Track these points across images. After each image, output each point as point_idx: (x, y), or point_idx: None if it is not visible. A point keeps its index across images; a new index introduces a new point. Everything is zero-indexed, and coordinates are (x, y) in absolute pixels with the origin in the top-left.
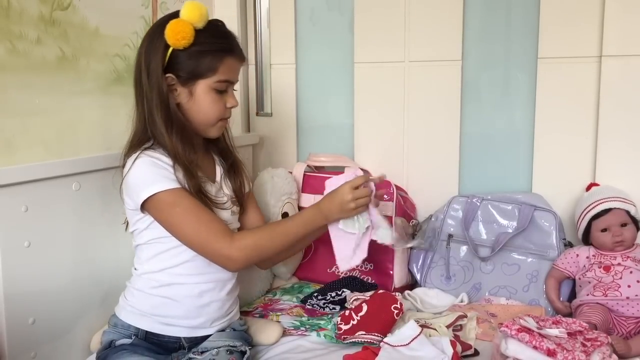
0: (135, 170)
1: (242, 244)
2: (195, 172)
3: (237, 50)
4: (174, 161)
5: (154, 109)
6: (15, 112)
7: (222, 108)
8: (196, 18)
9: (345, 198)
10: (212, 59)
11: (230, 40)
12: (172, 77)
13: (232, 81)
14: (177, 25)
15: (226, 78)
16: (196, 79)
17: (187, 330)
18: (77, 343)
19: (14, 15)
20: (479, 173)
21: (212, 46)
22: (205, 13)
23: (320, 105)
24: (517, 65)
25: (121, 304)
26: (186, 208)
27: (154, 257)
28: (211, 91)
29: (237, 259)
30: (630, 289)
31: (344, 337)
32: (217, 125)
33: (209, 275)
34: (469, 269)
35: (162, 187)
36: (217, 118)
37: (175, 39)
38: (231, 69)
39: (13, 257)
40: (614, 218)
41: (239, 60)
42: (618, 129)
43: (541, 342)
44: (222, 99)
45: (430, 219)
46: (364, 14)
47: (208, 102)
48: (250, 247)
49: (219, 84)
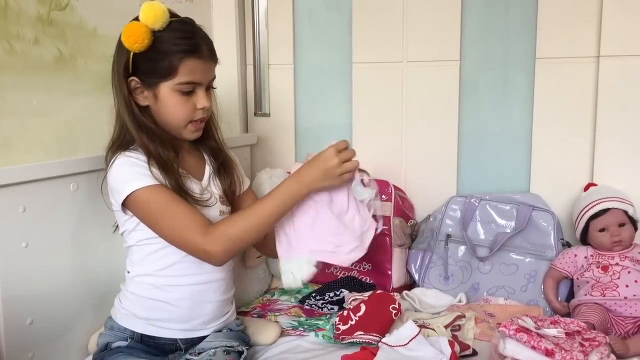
0: (114, 171)
1: (215, 235)
2: (173, 168)
3: (200, 51)
4: (148, 159)
5: (122, 111)
6: (13, 112)
7: (189, 110)
8: (151, 19)
9: (330, 163)
10: (171, 60)
11: (192, 41)
12: (136, 81)
13: (197, 82)
14: (130, 28)
15: (188, 80)
16: (157, 82)
17: (182, 332)
18: (75, 343)
19: (12, 16)
20: (477, 173)
21: (170, 47)
22: (162, 14)
23: (319, 106)
24: (515, 65)
25: (116, 306)
26: (161, 203)
27: (144, 259)
28: (175, 93)
29: (215, 251)
30: (628, 289)
31: (342, 338)
32: (187, 128)
33: (201, 276)
34: (467, 269)
35: (138, 185)
36: (185, 120)
37: (129, 42)
38: (193, 70)
39: (11, 257)
40: (612, 218)
41: (202, 61)
42: (616, 129)
43: (539, 342)
44: (190, 101)
45: (428, 219)
46: (362, 14)
47: (173, 104)
48: (225, 237)
49: (181, 85)
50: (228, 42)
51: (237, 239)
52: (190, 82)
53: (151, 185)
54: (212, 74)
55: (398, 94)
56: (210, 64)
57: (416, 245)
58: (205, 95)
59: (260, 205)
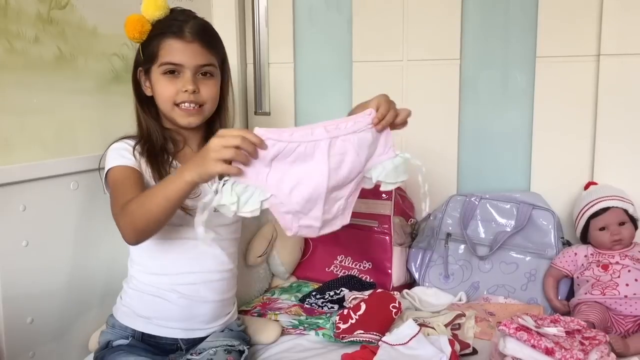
0: (106, 155)
1: (125, 210)
2: (161, 157)
3: (180, 32)
4: (137, 143)
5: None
6: (13, 111)
7: (172, 91)
8: (150, 10)
9: (209, 145)
10: (155, 43)
11: (173, 22)
12: (141, 71)
13: (177, 63)
14: (128, 20)
15: (167, 60)
16: (150, 68)
17: (182, 332)
18: (76, 342)
19: (12, 14)
20: (477, 172)
21: (155, 32)
22: (162, 3)
23: (319, 105)
24: (516, 64)
25: (117, 304)
26: (117, 181)
27: (142, 256)
28: (161, 76)
29: (121, 226)
30: (628, 288)
31: (343, 336)
32: (176, 111)
33: (197, 275)
34: (467, 267)
35: (112, 164)
36: (169, 100)
37: (127, 33)
38: (171, 50)
39: (11, 256)
40: (612, 217)
41: (182, 42)
42: (616, 127)
43: (539, 341)
44: (176, 83)
45: (428, 218)
46: (363, 13)
47: (159, 87)
48: (128, 211)
49: (163, 66)
50: (228, 40)
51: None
52: (170, 62)
53: (121, 165)
54: (199, 58)
55: (398, 93)
56: (193, 46)
57: (416, 244)
58: (191, 79)
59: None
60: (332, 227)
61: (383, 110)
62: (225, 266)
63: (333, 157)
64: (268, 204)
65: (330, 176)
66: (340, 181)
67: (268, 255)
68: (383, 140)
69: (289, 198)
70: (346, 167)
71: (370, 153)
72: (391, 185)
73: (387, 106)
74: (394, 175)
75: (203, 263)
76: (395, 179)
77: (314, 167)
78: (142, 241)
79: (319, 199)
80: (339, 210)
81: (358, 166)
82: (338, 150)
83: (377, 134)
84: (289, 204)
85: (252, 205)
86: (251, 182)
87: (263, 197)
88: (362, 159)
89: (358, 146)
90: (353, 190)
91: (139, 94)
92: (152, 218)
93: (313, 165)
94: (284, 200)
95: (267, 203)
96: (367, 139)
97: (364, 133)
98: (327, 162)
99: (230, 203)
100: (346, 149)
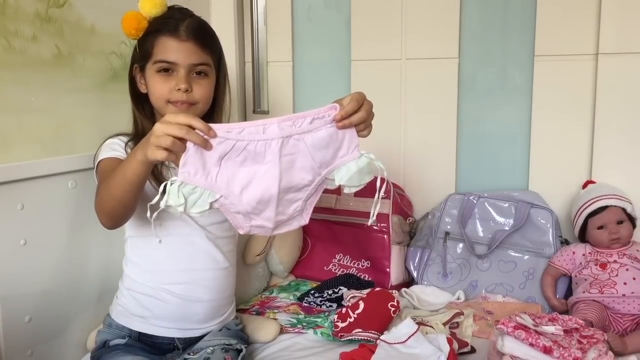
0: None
1: (96, 198)
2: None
3: (175, 30)
4: (130, 139)
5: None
6: (11, 109)
7: (166, 88)
8: (147, 7)
9: (153, 128)
10: (149, 41)
11: (169, 20)
12: (137, 68)
13: (171, 62)
14: (124, 17)
15: (161, 58)
16: (145, 65)
17: (178, 332)
18: (74, 341)
19: (10, 13)
20: (475, 171)
21: (151, 29)
22: (159, 0)
23: (317, 103)
24: (514, 62)
25: (114, 303)
26: (102, 173)
27: (136, 255)
28: (155, 74)
29: (97, 213)
30: (626, 286)
31: (341, 335)
32: (169, 108)
33: (191, 274)
34: (465, 266)
35: (101, 157)
36: (162, 98)
37: (126, 30)
38: (165, 48)
39: (9, 255)
40: (610, 215)
41: (177, 40)
42: (614, 126)
43: (537, 340)
44: (170, 81)
45: (427, 217)
46: (361, 12)
47: (153, 85)
48: (97, 198)
49: (157, 64)
50: (226, 39)
51: (104, 200)
52: (164, 60)
53: (109, 157)
54: (193, 57)
55: (397, 92)
56: (187, 44)
57: (415, 242)
58: (185, 78)
59: (117, 167)
60: (289, 227)
61: (349, 108)
62: (219, 265)
63: (285, 157)
64: (218, 204)
65: (282, 178)
66: (294, 183)
67: (266, 253)
68: (347, 140)
69: (239, 199)
70: (299, 168)
71: (333, 154)
72: (354, 188)
73: (355, 104)
74: (357, 177)
75: (195, 261)
76: (359, 181)
77: (265, 167)
78: (117, 225)
79: (271, 200)
80: (296, 212)
81: (315, 168)
82: (290, 150)
83: (340, 133)
84: (239, 204)
85: (201, 207)
86: (200, 183)
87: (212, 198)
88: (318, 161)
89: (312, 147)
90: (313, 192)
91: (134, 91)
92: (117, 199)
93: (264, 165)
94: (234, 201)
95: (217, 204)
96: (323, 139)
97: (323, 131)
98: (278, 163)
99: (177, 205)
100: (299, 149)
